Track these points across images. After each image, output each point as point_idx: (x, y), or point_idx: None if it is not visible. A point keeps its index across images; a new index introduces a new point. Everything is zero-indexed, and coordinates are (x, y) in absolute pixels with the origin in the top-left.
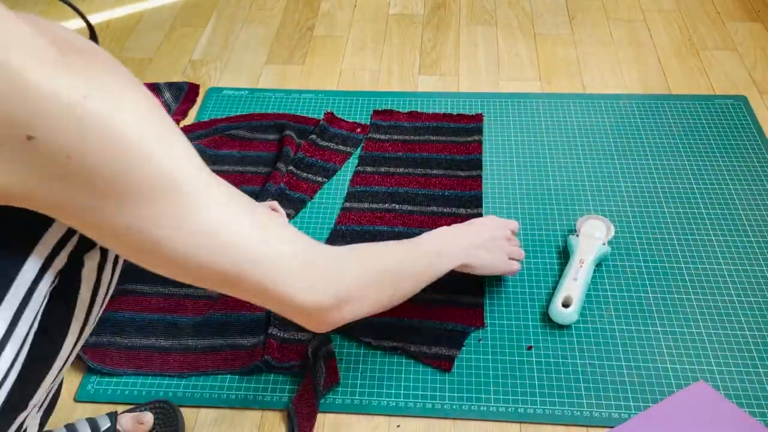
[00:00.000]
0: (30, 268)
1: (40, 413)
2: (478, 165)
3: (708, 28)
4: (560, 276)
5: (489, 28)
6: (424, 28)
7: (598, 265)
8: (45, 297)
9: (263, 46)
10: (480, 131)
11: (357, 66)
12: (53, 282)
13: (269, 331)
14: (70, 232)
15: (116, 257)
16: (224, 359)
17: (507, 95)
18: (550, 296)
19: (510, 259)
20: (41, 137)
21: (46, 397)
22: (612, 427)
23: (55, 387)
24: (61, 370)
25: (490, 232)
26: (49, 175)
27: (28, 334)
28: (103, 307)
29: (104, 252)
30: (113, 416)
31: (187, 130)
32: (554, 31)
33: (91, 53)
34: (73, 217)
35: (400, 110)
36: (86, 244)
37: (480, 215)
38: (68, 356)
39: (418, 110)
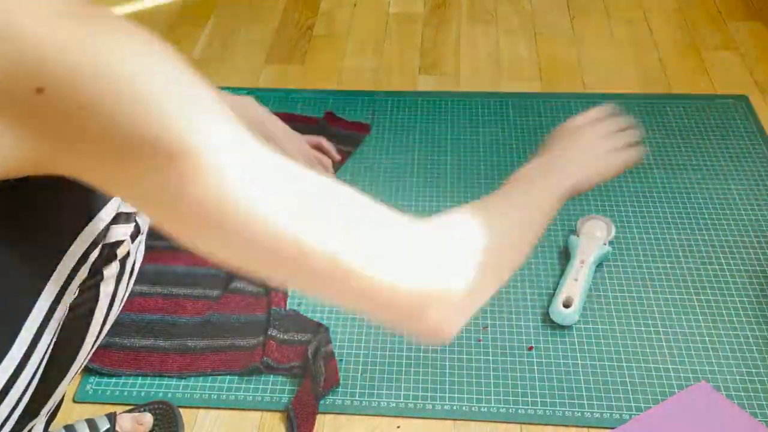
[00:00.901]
0: (53, 284)
1: (47, 417)
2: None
3: (709, 27)
4: (561, 276)
5: (489, 27)
6: (424, 28)
7: (599, 265)
8: (66, 308)
9: (263, 45)
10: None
11: (357, 66)
12: (75, 294)
13: (269, 332)
14: (93, 244)
15: (132, 269)
16: (224, 360)
17: (507, 95)
18: (551, 297)
19: (616, 151)
20: (50, 88)
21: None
22: (613, 428)
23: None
24: (74, 376)
25: (589, 141)
26: (66, 133)
27: (48, 347)
28: (117, 314)
29: (123, 265)
30: (112, 417)
31: None
32: (555, 31)
33: (97, 8)
34: (102, 181)
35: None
36: (107, 257)
37: None
38: (82, 363)
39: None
